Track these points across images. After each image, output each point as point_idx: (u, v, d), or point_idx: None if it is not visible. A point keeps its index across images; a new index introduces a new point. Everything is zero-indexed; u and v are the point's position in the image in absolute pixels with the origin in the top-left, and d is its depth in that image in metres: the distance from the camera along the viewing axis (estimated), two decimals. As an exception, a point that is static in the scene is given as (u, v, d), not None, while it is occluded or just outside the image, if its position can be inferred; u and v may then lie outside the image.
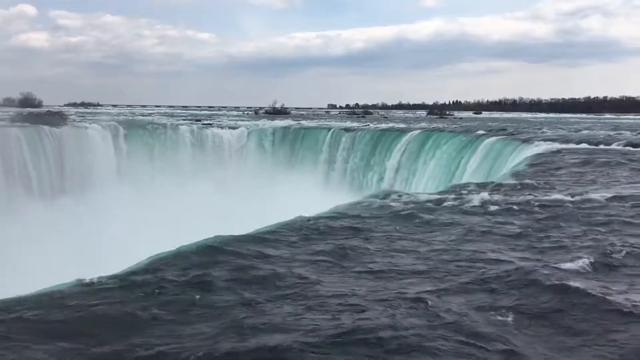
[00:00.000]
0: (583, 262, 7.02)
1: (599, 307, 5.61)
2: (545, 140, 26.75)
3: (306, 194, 33.18)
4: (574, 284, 6.18)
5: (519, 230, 9.02)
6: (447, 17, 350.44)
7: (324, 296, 5.84)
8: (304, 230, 8.77)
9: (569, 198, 11.65)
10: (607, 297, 5.85)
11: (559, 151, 22.06)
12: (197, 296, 5.78)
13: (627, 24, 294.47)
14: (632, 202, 11.04)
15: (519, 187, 13.28)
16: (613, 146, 23.85)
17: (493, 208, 10.68)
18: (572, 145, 24.31)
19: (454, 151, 30.94)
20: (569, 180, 14.44)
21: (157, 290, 5.87)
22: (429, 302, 5.65)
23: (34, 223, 26.61)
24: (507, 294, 5.99)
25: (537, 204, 11.10)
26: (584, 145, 24.17)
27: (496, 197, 11.57)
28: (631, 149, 22.76)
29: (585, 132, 34.59)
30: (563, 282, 6.25)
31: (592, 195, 11.80)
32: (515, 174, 16.25)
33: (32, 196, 31.45)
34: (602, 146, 23.94)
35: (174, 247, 7.38)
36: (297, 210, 10.26)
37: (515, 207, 10.76)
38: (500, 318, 5.36)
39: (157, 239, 9.77)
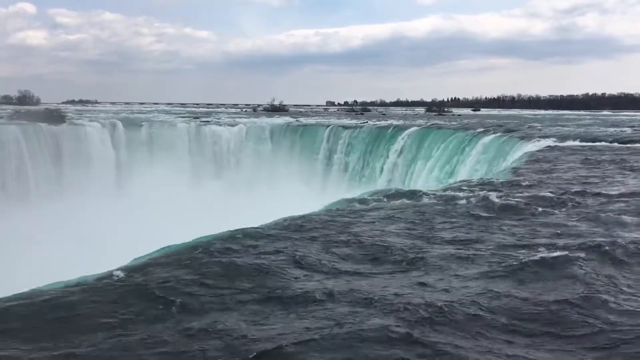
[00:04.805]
0: (582, 258, 7.03)
1: (599, 303, 5.62)
2: (543, 137, 26.76)
3: (305, 190, 33.20)
4: (572, 277, 6.18)
5: (518, 226, 9.02)
6: (444, 14, 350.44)
7: (316, 292, 5.84)
8: (297, 229, 8.74)
9: (567, 194, 11.66)
10: (607, 291, 5.86)
11: (557, 148, 22.10)
12: (190, 293, 5.78)
13: (624, 22, 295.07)
14: (628, 199, 11.06)
15: (518, 183, 13.30)
16: (609, 143, 23.89)
17: (492, 204, 10.67)
18: (570, 143, 24.38)
19: (452, 148, 30.94)
20: (567, 177, 14.45)
21: (149, 289, 5.86)
22: (425, 301, 5.66)
23: (31, 222, 26.55)
24: (505, 289, 5.99)
25: (535, 199, 11.10)
26: (582, 143, 24.18)
27: (495, 193, 11.57)
28: (630, 146, 22.81)
29: (583, 129, 34.59)
30: (562, 277, 6.25)
31: (590, 191, 11.82)
32: (514, 171, 16.27)
33: (30, 194, 31.42)
34: (601, 143, 23.97)
35: (172, 244, 7.39)
36: (296, 207, 10.24)
37: (514, 203, 10.75)
38: (496, 315, 5.37)
39: (156, 237, 9.75)
